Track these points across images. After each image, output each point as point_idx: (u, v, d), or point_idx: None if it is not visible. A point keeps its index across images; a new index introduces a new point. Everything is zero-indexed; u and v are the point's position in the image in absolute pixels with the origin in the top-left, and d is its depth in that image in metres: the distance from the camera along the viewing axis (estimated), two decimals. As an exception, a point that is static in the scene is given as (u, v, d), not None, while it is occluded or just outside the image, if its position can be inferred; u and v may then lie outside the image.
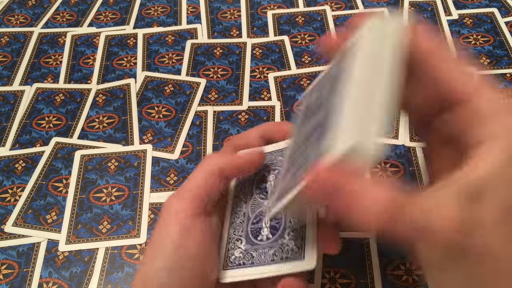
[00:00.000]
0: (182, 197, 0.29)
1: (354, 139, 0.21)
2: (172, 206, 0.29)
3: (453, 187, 0.22)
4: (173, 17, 0.58)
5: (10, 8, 0.60)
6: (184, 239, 0.28)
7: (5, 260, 0.40)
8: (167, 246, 0.28)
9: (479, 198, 0.21)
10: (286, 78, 0.50)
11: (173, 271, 0.28)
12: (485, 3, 0.56)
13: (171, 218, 0.29)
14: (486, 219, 0.21)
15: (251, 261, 0.30)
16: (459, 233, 0.21)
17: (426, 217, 0.21)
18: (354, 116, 0.22)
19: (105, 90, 0.51)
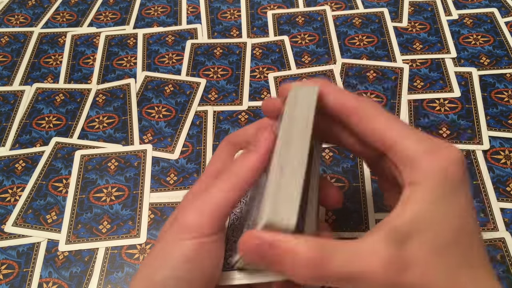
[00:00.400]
0: (200, 212, 0.28)
1: (268, 217, 0.24)
2: (188, 219, 0.28)
3: (381, 232, 0.24)
4: (173, 17, 0.58)
5: (10, 8, 0.60)
6: (197, 255, 0.28)
7: (5, 260, 0.40)
8: (178, 257, 0.27)
9: (407, 240, 0.23)
10: (286, 78, 0.50)
11: (180, 282, 0.28)
12: (485, 3, 0.56)
13: (185, 231, 0.28)
14: (418, 257, 0.23)
15: None
16: (390, 273, 0.23)
17: (356, 261, 0.23)
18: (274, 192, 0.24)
19: (105, 90, 0.51)
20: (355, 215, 0.41)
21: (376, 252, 0.23)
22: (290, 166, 0.25)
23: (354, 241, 0.24)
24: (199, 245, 0.28)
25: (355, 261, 0.23)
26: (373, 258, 0.23)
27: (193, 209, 0.28)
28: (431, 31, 0.53)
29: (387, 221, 0.25)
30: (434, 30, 0.53)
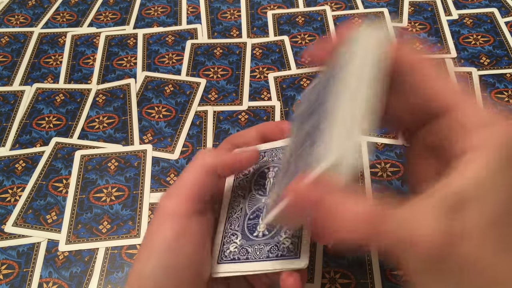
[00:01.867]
0: (175, 197, 0.29)
1: (332, 159, 0.22)
2: (165, 206, 0.29)
3: (434, 198, 0.22)
4: (173, 17, 0.58)
5: (10, 8, 0.60)
6: (179, 239, 0.28)
7: (5, 260, 0.40)
8: (162, 246, 0.28)
9: (462, 208, 0.22)
10: (286, 78, 0.50)
11: (169, 270, 0.28)
12: (485, 3, 0.56)
13: (165, 218, 0.29)
14: (471, 229, 0.22)
15: (246, 256, 0.30)
16: (439, 244, 0.21)
17: (406, 228, 0.22)
18: (335, 135, 0.23)
19: (105, 90, 0.51)
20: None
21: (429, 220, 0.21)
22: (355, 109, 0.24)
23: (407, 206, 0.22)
24: (179, 228, 0.28)
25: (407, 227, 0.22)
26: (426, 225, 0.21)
27: (171, 194, 0.30)
28: (431, 31, 0.53)
29: (440, 187, 0.23)
30: (434, 30, 0.53)
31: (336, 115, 0.24)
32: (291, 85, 0.50)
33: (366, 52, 0.26)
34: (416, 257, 0.22)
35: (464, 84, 0.25)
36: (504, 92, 0.48)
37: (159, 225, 0.29)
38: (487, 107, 0.25)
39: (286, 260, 0.29)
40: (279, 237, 0.30)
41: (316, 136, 0.25)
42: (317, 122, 0.27)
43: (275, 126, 0.35)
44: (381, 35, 0.27)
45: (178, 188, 0.30)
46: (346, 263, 0.38)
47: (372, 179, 0.43)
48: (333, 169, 0.23)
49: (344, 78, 0.25)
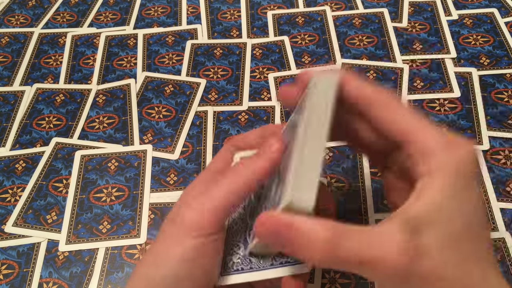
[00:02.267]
0: (202, 211, 0.28)
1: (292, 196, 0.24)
2: (187, 217, 0.28)
3: (396, 220, 0.24)
4: (173, 17, 0.58)
5: (10, 9, 0.60)
6: (197, 255, 0.28)
7: (5, 260, 0.40)
8: (179, 256, 0.28)
9: (421, 229, 0.23)
10: (286, 79, 0.51)
11: (181, 281, 0.28)
12: (485, 3, 0.56)
13: (186, 230, 0.28)
14: (432, 247, 0.23)
15: (250, 266, 0.30)
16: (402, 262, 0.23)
17: (366, 250, 0.23)
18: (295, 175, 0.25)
19: (105, 91, 0.51)
20: (355, 215, 0.41)
21: (391, 239, 0.23)
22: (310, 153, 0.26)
23: (369, 227, 0.24)
24: (200, 244, 0.28)
25: (370, 246, 0.23)
26: (388, 244, 0.23)
27: (194, 207, 0.28)
28: (431, 31, 0.53)
29: (401, 210, 0.25)
30: (434, 30, 0.53)
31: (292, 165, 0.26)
32: (291, 85, 0.50)
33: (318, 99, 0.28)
34: (381, 276, 0.23)
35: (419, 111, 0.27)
36: (504, 92, 0.48)
37: (178, 236, 0.28)
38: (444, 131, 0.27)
39: (290, 267, 0.29)
40: None
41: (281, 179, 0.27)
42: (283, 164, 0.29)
43: (276, 128, 0.35)
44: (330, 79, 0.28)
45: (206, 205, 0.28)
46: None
47: (372, 179, 0.43)
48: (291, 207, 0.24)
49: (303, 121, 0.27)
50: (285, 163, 0.28)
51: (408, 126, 0.27)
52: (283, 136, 0.32)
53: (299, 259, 0.29)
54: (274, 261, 0.30)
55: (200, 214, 0.28)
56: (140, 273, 0.29)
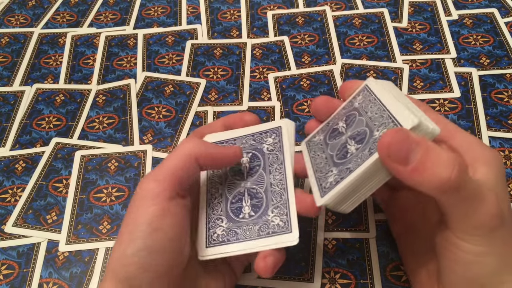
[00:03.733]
0: (158, 180, 0.30)
1: (418, 118, 0.26)
2: (148, 188, 0.29)
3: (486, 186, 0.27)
4: (173, 17, 0.58)
5: (10, 9, 0.60)
6: (162, 220, 0.29)
7: (5, 260, 0.40)
8: (144, 227, 0.28)
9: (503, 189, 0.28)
10: (286, 79, 0.50)
11: (153, 251, 0.28)
12: (485, 3, 0.56)
13: (147, 200, 0.29)
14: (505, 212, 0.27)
15: (236, 237, 0.31)
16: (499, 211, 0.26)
17: (481, 191, 0.26)
18: (408, 109, 0.27)
19: (105, 91, 0.51)
20: (355, 215, 0.41)
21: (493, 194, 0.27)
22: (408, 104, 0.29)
23: None
24: (161, 210, 0.29)
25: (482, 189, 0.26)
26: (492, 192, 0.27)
27: (148, 178, 0.30)
28: (431, 31, 0.53)
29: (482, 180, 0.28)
30: (434, 31, 0.53)
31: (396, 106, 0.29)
32: (291, 85, 0.50)
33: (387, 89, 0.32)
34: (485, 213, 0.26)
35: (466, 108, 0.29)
36: (504, 92, 0.48)
37: (140, 207, 0.29)
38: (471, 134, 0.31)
39: (278, 236, 0.30)
40: (266, 216, 0.31)
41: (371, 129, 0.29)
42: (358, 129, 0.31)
43: (239, 117, 0.37)
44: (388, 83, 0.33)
45: (161, 170, 0.30)
46: (346, 263, 0.38)
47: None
48: (419, 128, 0.26)
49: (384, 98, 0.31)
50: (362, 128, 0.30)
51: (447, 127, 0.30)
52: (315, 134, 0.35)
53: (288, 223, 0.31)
54: (260, 232, 0.31)
55: (154, 182, 0.29)
56: (114, 252, 0.29)
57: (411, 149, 0.25)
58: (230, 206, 0.33)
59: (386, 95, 0.30)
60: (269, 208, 0.32)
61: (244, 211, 0.32)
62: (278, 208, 0.31)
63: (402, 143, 0.25)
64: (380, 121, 0.29)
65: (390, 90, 0.31)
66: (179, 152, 0.31)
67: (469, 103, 0.47)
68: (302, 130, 0.46)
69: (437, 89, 0.48)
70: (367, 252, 0.39)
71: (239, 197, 0.33)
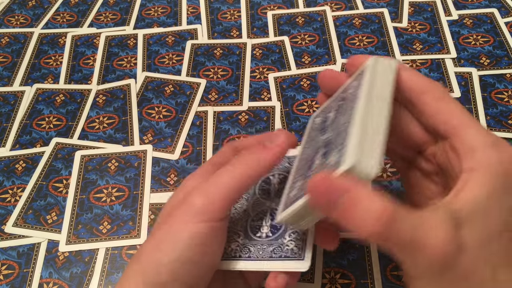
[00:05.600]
0: (211, 196, 0.29)
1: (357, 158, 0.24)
2: (196, 203, 0.29)
3: (441, 211, 0.24)
4: (173, 17, 0.58)
5: (10, 9, 0.60)
6: (205, 239, 0.28)
7: (5, 260, 0.40)
8: (188, 240, 0.28)
9: (463, 224, 0.24)
10: (286, 79, 0.51)
11: (188, 264, 0.28)
12: (485, 3, 0.56)
13: (195, 214, 0.28)
14: (471, 243, 0.23)
15: (248, 254, 0.31)
16: (447, 252, 0.23)
17: (419, 232, 0.23)
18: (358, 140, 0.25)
19: (105, 91, 0.51)
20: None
21: (439, 228, 0.23)
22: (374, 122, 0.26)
23: (420, 212, 0.24)
24: (209, 229, 0.28)
25: (420, 231, 0.23)
26: (435, 232, 0.23)
27: (203, 192, 0.29)
28: (431, 31, 0.53)
29: (445, 202, 0.25)
30: (434, 31, 0.53)
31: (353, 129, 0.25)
32: (291, 86, 0.50)
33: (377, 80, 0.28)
34: (424, 261, 0.23)
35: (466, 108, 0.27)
36: (504, 92, 0.48)
37: (187, 221, 0.28)
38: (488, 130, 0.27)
39: (289, 261, 0.30)
40: (283, 239, 0.31)
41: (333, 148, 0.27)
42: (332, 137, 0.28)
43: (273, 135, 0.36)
44: (391, 64, 0.29)
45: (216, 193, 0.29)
46: (346, 263, 0.38)
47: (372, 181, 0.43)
48: (353, 172, 0.24)
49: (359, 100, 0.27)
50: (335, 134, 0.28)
51: (458, 119, 0.27)
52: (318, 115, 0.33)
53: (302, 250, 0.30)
54: (273, 254, 0.30)
55: (209, 199, 0.28)
56: (146, 257, 0.29)
57: (338, 196, 0.23)
58: (251, 223, 0.32)
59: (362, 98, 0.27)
60: (287, 232, 0.31)
61: (263, 231, 0.32)
62: (296, 233, 0.31)
63: (328, 190, 0.23)
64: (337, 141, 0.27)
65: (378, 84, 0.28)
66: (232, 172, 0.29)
67: (469, 103, 0.47)
68: (303, 131, 0.46)
69: (437, 89, 0.48)
70: (367, 252, 0.39)
71: (261, 216, 0.33)
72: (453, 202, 0.25)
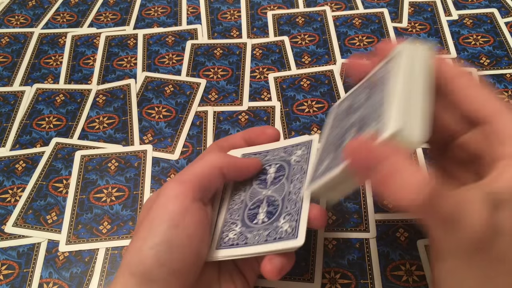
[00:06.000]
0: (183, 182, 0.30)
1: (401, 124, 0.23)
2: (172, 189, 0.30)
3: (479, 192, 0.23)
4: (173, 17, 0.58)
5: (10, 9, 0.60)
6: (183, 218, 0.29)
7: (5, 260, 0.40)
8: (166, 223, 0.29)
9: (501, 207, 0.23)
10: (286, 79, 0.51)
11: (172, 247, 0.28)
12: (485, 3, 0.56)
13: (170, 199, 0.30)
14: (506, 227, 0.23)
15: (245, 241, 0.31)
16: (486, 232, 0.23)
17: (458, 210, 0.23)
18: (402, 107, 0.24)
19: (105, 91, 0.51)
20: (355, 215, 0.41)
21: (479, 207, 0.23)
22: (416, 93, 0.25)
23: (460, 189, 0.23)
24: (183, 209, 0.29)
25: (462, 208, 0.23)
26: (477, 211, 0.23)
27: (175, 179, 0.31)
28: (431, 31, 0.53)
29: (482, 184, 0.24)
30: (434, 31, 0.53)
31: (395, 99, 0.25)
32: (291, 86, 0.50)
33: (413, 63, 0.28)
34: (462, 238, 0.23)
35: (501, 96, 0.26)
36: (504, 92, 0.48)
37: (163, 204, 0.30)
38: None
39: (283, 241, 0.30)
40: (277, 223, 0.31)
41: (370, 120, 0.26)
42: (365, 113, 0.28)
43: (261, 131, 0.37)
44: (425, 49, 0.29)
45: (186, 175, 0.31)
46: (346, 263, 0.38)
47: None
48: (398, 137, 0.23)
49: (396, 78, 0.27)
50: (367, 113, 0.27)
51: (492, 106, 0.27)
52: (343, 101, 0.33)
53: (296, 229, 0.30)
54: (268, 237, 0.31)
55: (180, 183, 0.30)
56: (132, 247, 0.29)
57: (377, 162, 0.23)
58: (248, 212, 0.33)
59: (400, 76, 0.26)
60: (282, 215, 0.32)
61: (259, 217, 0.32)
62: (290, 215, 0.31)
63: (367, 155, 0.23)
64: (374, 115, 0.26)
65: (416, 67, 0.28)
66: (204, 161, 0.32)
67: (469, 103, 0.47)
68: (303, 131, 0.46)
69: (437, 89, 0.48)
70: (367, 252, 0.39)
71: (258, 204, 0.33)
72: (492, 184, 0.24)
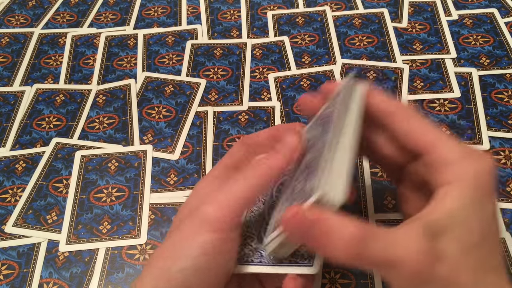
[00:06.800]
0: (222, 206, 0.28)
1: (322, 192, 0.25)
2: (207, 212, 0.28)
3: (416, 224, 0.25)
4: (173, 17, 0.58)
5: (10, 9, 0.60)
6: (216, 249, 0.28)
7: (5, 260, 0.40)
8: (197, 249, 0.28)
9: (440, 234, 0.25)
10: (286, 79, 0.51)
11: (199, 272, 0.28)
12: (485, 3, 0.56)
13: (206, 224, 0.28)
14: (449, 253, 0.24)
15: (260, 260, 0.31)
16: (421, 265, 0.23)
17: (391, 250, 0.24)
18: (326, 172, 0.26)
19: (105, 91, 0.51)
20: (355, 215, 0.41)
21: (412, 242, 0.24)
22: (342, 148, 0.27)
23: (392, 229, 0.25)
24: (219, 239, 0.28)
25: (392, 248, 0.24)
26: (409, 246, 0.24)
27: (215, 202, 0.29)
28: (431, 31, 0.53)
29: (421, 215, 0.26)
30: (434, 31, 0.53)
31: (321, 162, 0.27)
32: (291, 86, 0.50)
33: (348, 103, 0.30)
34: (401, 277, 0.24)
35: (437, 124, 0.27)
36: (504, 92, 0.48)
37: (197, 230, 0.28)
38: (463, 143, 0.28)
39: (299, 267, 0.30)
40: None
41: (309, 172, 0.28)
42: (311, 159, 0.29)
43: (286, 127, 0.35)
44: (361, 87, 0.30)
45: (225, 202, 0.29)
46: (346, 263, 0.38)
47: (372, 179, 0.43)
48: (322, 202, 0.25)
49: (331, 126, 0.28)
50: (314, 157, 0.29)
51: (429, 137, 0.28)
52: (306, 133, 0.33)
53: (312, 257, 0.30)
54: (284, 260, 0.30)
55: (221, 209, 0.28)
56: (157, 265, 0.29)
57: (310, 227, 0.25)
58: (264, 226, 0.32)
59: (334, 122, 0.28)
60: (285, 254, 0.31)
61: None
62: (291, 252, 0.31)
63: (300, 224, 0.25)
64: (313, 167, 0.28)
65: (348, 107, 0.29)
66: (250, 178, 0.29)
67: (469, 103, 0.47)
68: (302, 130, 0.46)
69: (437, 89, 0.48)
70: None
71: None
72: (430, 214, 0.25)
